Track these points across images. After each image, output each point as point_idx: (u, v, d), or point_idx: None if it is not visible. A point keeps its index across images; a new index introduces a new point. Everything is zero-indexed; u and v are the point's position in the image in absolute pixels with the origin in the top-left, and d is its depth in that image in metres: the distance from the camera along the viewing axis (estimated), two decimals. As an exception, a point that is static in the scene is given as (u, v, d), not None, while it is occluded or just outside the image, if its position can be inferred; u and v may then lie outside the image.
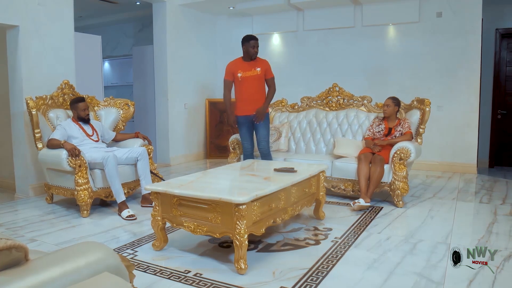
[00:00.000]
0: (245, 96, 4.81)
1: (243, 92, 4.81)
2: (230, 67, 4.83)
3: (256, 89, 4.81)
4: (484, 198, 4.75)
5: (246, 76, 4.76)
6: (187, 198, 2.86)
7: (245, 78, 4.76)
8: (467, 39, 6.17)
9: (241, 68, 4.76)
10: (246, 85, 4.77)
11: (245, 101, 4.81)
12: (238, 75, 4.76)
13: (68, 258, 1.26)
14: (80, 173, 3.98)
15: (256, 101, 4.80)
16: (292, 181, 3.24)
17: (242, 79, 4.76)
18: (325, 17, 6.97)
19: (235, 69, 4.79)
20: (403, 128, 4.60)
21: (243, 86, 4.79)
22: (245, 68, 4.76)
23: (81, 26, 7.86)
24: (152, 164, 4.65)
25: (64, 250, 1.34)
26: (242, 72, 4.75)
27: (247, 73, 4.76)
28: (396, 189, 4.30)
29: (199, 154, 7.84)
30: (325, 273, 2.69)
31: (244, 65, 4.78)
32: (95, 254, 1.32)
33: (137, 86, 7.78)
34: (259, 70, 4.77)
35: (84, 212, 4.01)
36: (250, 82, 4.77)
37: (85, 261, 1.26)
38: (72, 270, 1.21)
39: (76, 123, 4.40)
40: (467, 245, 3.21)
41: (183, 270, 2.74)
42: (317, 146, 5.36)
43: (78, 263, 1.24)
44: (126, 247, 3.20)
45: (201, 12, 7.62)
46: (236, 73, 4.77)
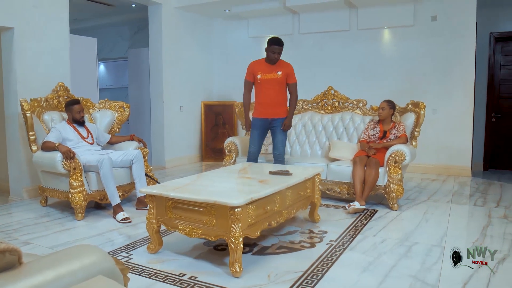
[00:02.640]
0: (264, 99, 4.65)
1: (262, 94, 4.65)
2: (251, 67, 4.67)
3: (276, 93, 4.62)
4: (478, 201, 4.77)
5: (265, 78, 4.58)
6: (182, 201, 2.86)
7: (264, 80, 4.58)
8: (461, 42, 6.21)
9: (261, 70, 4.58)
10: (265, 87, 4.60)
11: (263, 104, 4.65)
12: (258, 77, 4.58)
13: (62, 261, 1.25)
14: (74, 175, 3.96)
15: (275, 105, 4.64)
16: (287, 184, 3.25)
17: (261, 81, 4.59)
18: (321, 20, 6.99)
19: (255, 70, 4.61)
20: (398, 131, 4.62)
21: (262, 88, 4.62)
22: (265, 70, 4.57)
23: (77, 29, 7.83)
24: (147, 166, 4.64)
25: (58, 253, 1.34)
26: (261, 73, 4.57)
27: (267, 75, 4.57)
28: (391, 192, 4.31)
29: (195, 156, 7.84)
30: (320, 276, 2.70)
31: (265, 66, 4.59)
32: (89, 257, 1.31)
33: (132, 89, 7.78)
34: (279, 74, 4.56)
35: (79, 215, 4.00)
36: (269, 85, 4.59)
37: (79, 264, 1.25)
38: (66, 274, 1.20)
39: (71, 126, 4.38)
40: (462, 247, 3.22)
41: (178, 273, 2.74)
42: (312, 149, 5.36)
43: (72, 266, 1.24)
44: (121, 250, 3.19)
45: (196, 15, 7.63)
46: (256, 74, 4.60)
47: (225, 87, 8.09)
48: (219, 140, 7.72)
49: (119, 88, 9.04)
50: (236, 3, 6.93)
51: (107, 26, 9.18)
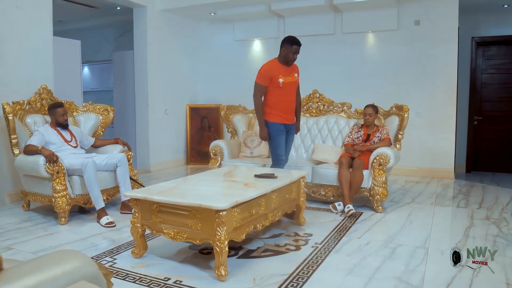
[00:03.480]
0: (285, 104, 4.31)
1: (283, 99, 4.28)
2: (270, 71, 4.20)
3: (294, 97, 4.39)
4: (461, 202, 4.84)
5: (287, 82, 4.22)
6: (167, 204, 2.84)
7: (286, 84, 4.21)
8: (444, 47, 6.30)
9: (281, 73, 4.20)
10: (286, 92, 4.26)
11: (285, 110, 4.31)
12: (279, 81, 4.16)
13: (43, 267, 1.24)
14: (58, 179, 3.91)
15: (293, 110, 4.43)
16: (273, 187, 3.25)
17: (283, 85, 4.19)
18: (306, 24, 7.03)
19: (275, 74, 4.18)
20: (381, 134, 4.66)
21: (284, 93, 4.25)
22: (285, 73, 4.22)
23: (60, 31, 7.76)
24: (132, 170, 4.61)
25: (39, 258, 1.32)
26: (283, 77, 4.19)
27: (288, 78, 4.23)
28: (375, 194, 4.35)
29: (180, 160, 7.80)
30: (305, 278, 2.70)
31: (284, 69, 4.23)
32: (72, 262, 1.29)
33: (117, 92, 7.72)
34: (296, 76, 4.32)
35: (62, 220, 3.94)
36: (290, 89, 4.29)
37: (61, 269, 1.23)
38: (48, 279, 1.18)
39: (54, 129, 4.33)
40: (445, 249, 3.26)
41: (163, 278, 2.72)
42: (297, 152, 5.38)
43: (54, 272, 1.22)
44: (105, 254, 3.16)
45: (182, 17, 7.61)
46: (276, 78, 4.17)
47: (210, 90, 8.08)
48: (204, 143, 7.70)
49: (104, 91, 8.97)
50: (221, 6, 6.93)
51: (91, 29, 9.10)
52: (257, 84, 4.24)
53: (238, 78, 7.78)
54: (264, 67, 4.26)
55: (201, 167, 7.27)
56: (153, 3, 6.90)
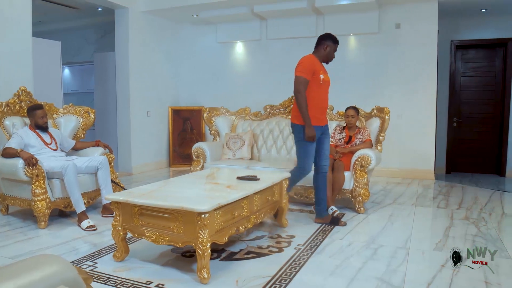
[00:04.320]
0: (324, 103, 4.02)
1: (322, 98, 3.97)
2: (313, 65, 3.84)
3: (328, 96, 4.09)
4: (441, 203, 4.92)
5: (326, 80, 3.94)
6: (148, 207, 2.82)
7: (325, 82, 3.92)
8: (424, 50, 6.40)
9: (322, 70, 3.92)
10: (324, 90, 3.97)
11: (321, 109, 3.98)
12: (321, 77, 3.84)
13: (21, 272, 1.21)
14: (37, 183, 3.85)
15: (326, 110, 4.14)
16: (255, 189, 3.25)
17: (323, 83, 3.89)
18: (288, 26, 7.07)
19: (318, 69, 3.86)
20: (363, 136, 4.71)
21: (321, 91, 3.93)
22: (324, 70, 3.97)
23: (40, 31, 7.64)
24: (113, 173, 4.56)
25: (17, 263, 1.29)
26: (324, 74, 3.92)
27: (326, 76, 3.97)
28: (357, 196, 4.38)
29: (162, 162, 7.75)
30: (288, 280, 2.71)
31: (322, 66, 3.98)
32: (50, 267, 1.27)
33: (98, 93, 7.64)
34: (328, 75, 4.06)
35: (42, 223, 3.88)
36: (326, 88, 4.01)
37: (39, 275, 1.21)
38: (26, 285, 1.16)
39: (33, 131, 4.26)
40: (426, 249, 3.32)
41: (144, 281, 2.69)
42: (279, 154, 5.40)
43: (32, 277, 1.20)
44: (86, 258, 3.12)
45: (164, 19, 7.58)
46: (318, 73, 3.83)
47: (193, 92, 8.05)
48: (187, 145, 7.67)
49: (85, 93, 8.86)
50: (204, 8, 6.91)
51: (72, 30, 8.99)
52: (300, 77, 3.78)
53: (221, 80, 7.78)
54: (307, 60, 3.85)
55: (183, 170, 7.24)
56: (135, 5, 6.85)
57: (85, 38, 9.13)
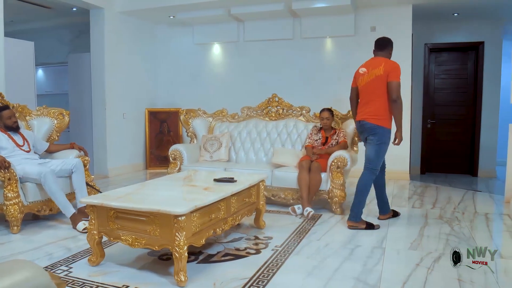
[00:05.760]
0: None
1: None
2: None
3: None
4: (416, 203, 5.01)
5: None
6: (124, 210, 2.78)
7: None
8: (398, 52, 6.45)
9: None
10: None
11: None
12: None
13: (-9, 278, 1.18)
14: (9, 186, 3.75)
15: None
16: (232, 191, 3.25)
17: None
18: (265, 28, 7.09)
19: None
20: (338, 136, 4.76)
21: None
22: None
23: (12, 31, 7.46)
24: (88, 175, 4.48)
25: (-13, 269, 1.26)
26: None
27: None
28: (334, 197, 4.42)
29: (139, 165, 7.67)
30: (265, 282, 2.71)
31: None
32: (21, 273, 1.24)
33: (73, 95, 7.51)
34: None
35: (14, 228, 3.78)
36: None
37: (10, 281, 1.18)
38: (-4, 291, 1.14)
39: (4, 133, 4.15)
40: (401, 248, 3.37)
41: (121, 285, 2.66)
42: (257, 156, 5.40)
43: (2, 283, 1.17)
44: (60, 263, 3.06)
45: (141, 20, 7.50)
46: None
47: (170, 94, 7.99)
48: (163, 147, 7.61)
49: (59, 94, 8.68)
50: (180, 10, 6.88)
51: (46, 30, 8.81)
52: (399, 83, 4.00)
53: (198, 81, 7.75)
54: (399, 66, 4.04)
55: (160, 172, 7.18)
56: (110, 5, 6.76)
57: (59, 39, 8.96)
